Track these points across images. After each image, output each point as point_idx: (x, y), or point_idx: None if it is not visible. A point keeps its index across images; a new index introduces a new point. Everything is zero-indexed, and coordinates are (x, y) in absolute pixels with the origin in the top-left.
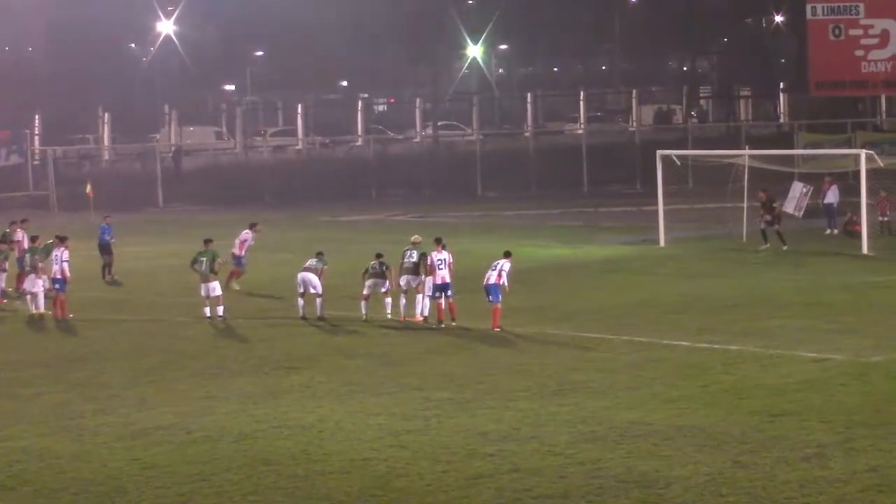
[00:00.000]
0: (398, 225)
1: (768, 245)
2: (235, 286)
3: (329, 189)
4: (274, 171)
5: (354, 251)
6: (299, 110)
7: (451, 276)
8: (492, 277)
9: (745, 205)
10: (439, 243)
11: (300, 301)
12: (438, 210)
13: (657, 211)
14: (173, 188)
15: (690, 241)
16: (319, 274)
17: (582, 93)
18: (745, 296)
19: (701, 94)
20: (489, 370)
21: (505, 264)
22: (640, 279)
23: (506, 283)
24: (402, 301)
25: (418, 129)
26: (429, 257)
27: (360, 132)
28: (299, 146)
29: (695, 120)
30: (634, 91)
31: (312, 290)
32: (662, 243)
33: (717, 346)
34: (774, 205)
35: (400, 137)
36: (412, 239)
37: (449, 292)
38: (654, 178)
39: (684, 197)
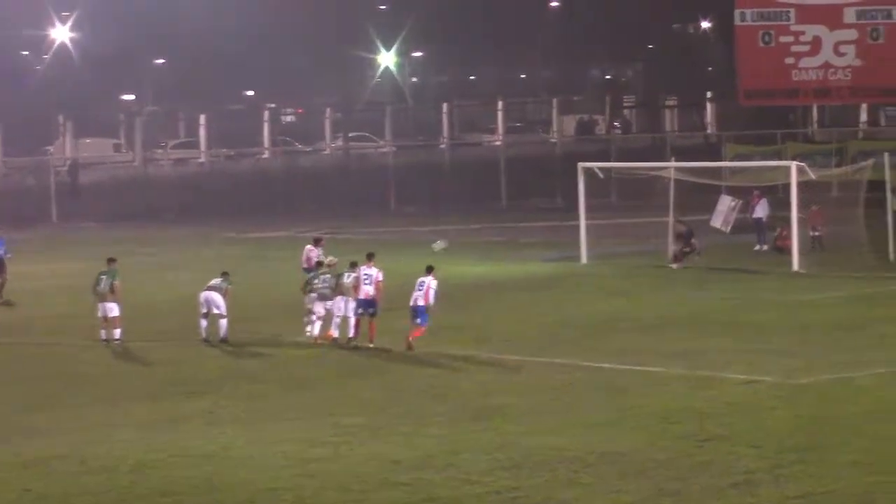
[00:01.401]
0: (307, 242)
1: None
2: None
3: (234, 204)
4: (176, 185)
5: (261, 269)
6: (202, 121)
7: (379, 295)
8: (419, 298)
9: (670, 220)
10: (370, 259)
11: (203, 322)
12: (350, 226)
13: (579, 226)
14: (69, 204)
15: (614, 258)
16: (224, 294)
17: (500, 102)
18: (671, 315)
19: (625, 104)
20: (403, 394)
21: (431, 282)
22: (562, 298)
23: (432, 302)
24: (317, 323)
25: (328, 140)
26: (348, 274)
27: (266, 144)
28: (202, 159)
29: (618, 131)
30: (555, 100)
31: (216, 311)
32: (584, 260)
33: (641, 368)
34: (693, 241)
35: (309, 149)
36: (327, 261)
37: (371, 310)
38: (576, 191)
39: (607, 211)
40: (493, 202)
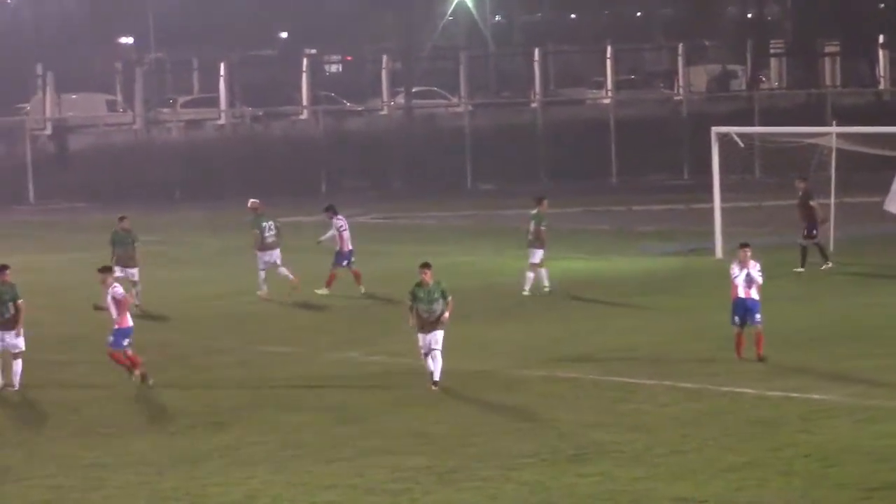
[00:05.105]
0: (359, 229)
1: (803, 269)
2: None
3: (263, 179)
4: (187, 154)
5: (299, 263)
6: (222, 72)
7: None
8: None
9: (832, 201)
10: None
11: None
12: (413, 208)
13: (712, 210)
14: (51, 178)
15: (757, 251)
16: None
17: (609, 48)
18: (833, 326)
19: (771, 51)
20: (481, 428)
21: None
22: (690, 303)
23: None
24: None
25: (385, 97)
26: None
27: (305, 101)
28: (222, 120)
29: (763, 86)
30: (681, 46)
31: None
32: (719, 254)
33: (794, 395)
34: (811, 203)
35: (360, 109)
36: (249, 205)
37: None
38: (708, 164)
39: (749, 191)
40: (600, 178)
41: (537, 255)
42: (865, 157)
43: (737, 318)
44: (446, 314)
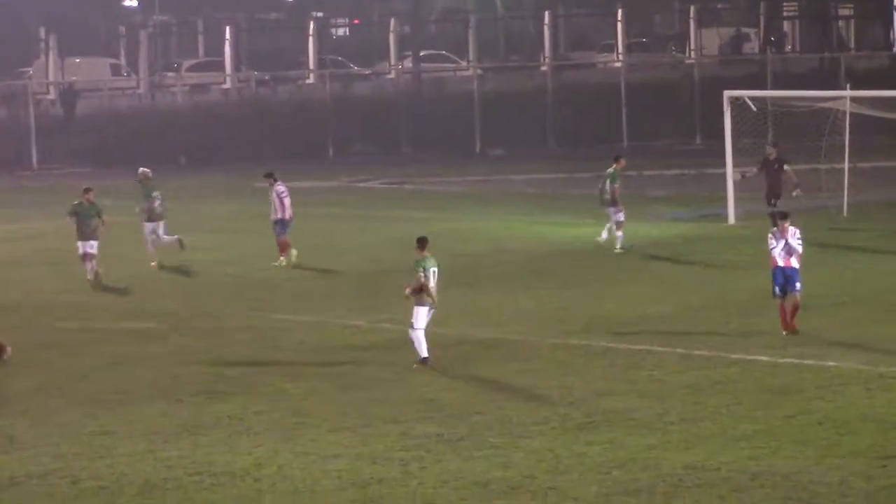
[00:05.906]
0: (366, 194)
1: None
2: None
3: (269, 144)
4: (191, 118)
5: (304, 231)
6: (227, 35)
7: None
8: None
9: (846, 166)
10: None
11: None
12: (421, 173)
13: (724, 175)
14: (54, 143)
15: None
16: None
17: (620, 11)
18: (848, 292)
19: (785, 13)
20: (490, 396)
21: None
22: (702, 269)
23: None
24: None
25: (393, 61)
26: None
27: (312, 65)
28: (227, 84)
29: (776, 49)
30: (693, 9)
31: None
32: (732, 220)
33: (808, 362)
34: (786, 167)
35: (367, 73)
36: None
37: None
38: (720, 129)
39: (762, 155)
40: (611, 142)
41: (621, 214)
42: (880, 122)
43: (777, 289)
44: (406, 290)
